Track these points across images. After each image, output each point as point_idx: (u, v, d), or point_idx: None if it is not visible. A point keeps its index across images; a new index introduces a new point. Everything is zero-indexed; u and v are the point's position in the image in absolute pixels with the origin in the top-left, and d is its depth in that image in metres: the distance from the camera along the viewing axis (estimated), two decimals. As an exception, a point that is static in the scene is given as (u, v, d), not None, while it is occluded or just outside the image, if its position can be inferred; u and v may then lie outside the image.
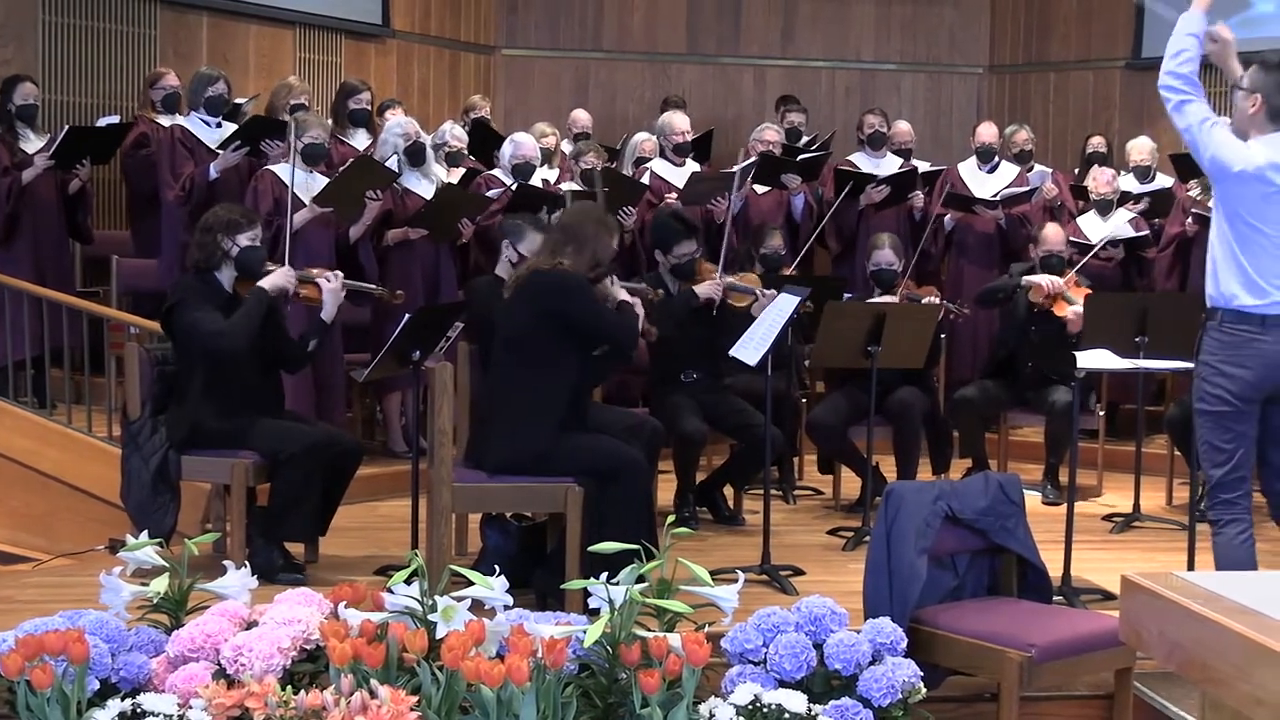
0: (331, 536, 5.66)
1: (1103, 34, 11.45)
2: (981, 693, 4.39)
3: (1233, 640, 2.39)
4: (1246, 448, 4.48)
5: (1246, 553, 4.46)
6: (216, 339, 5.31)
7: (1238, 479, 4.49)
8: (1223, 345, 4.43)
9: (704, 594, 3.97)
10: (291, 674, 3.82)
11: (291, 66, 9.71)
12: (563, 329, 5.03)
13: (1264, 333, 4.36)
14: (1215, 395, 4.44)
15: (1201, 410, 4.49)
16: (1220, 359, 4.42)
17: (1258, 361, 4.38)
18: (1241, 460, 4.48)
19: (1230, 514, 4.48)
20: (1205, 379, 4.47)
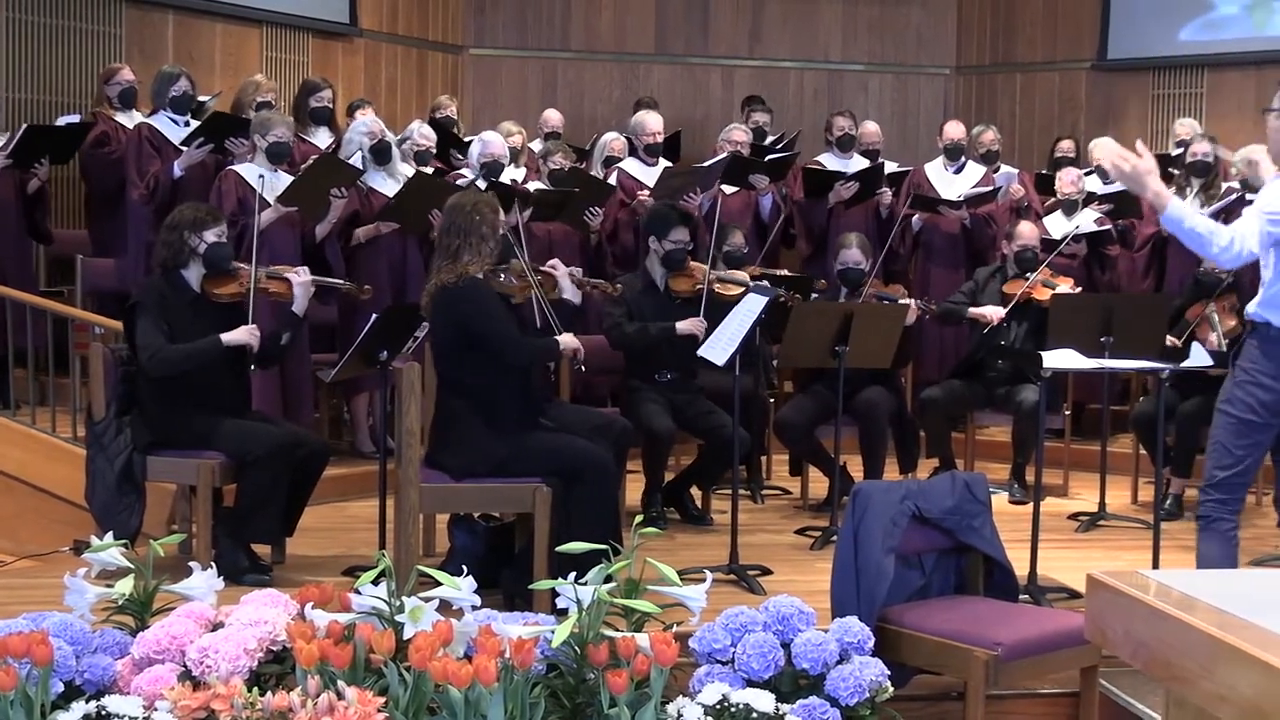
0: (298, 537, 5.64)
1: (1069, 35, 11.52)
2: (948, 691, 4.41)
3: (1197, 638, 2.40)
4: (1256, 456, 4.53)
5: (1231, 550, 4.51)
6: (146, 356, 5.30)
7: (1239, 484, 4.54)
8: (1265, 357, 4.44)
9: (672, 594, 3.97)
10: (258, 675, 3.80)
11: (258, 65, 9.67)
12: (477, 339, 5.05)
13: None
14: (1245, 402, 4.46)
15: (1225, 412, 4.52)
16: (1260, 369, 4.45)
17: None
18: (1249, 467, 4.53)
19: (1220, 513, 4.53)
20: (1239, 384, 4.49)
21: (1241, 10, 10.84)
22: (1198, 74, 10.95)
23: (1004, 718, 4.40)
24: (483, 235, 5.13)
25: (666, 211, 6.74)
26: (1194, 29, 11.00)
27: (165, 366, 5.31)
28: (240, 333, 5.44)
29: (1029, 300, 7.23)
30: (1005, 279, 7.43)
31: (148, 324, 5.34)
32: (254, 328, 5.50)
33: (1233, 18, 10.87)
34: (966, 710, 4.13)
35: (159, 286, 5.49)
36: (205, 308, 5.52)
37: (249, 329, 5.47)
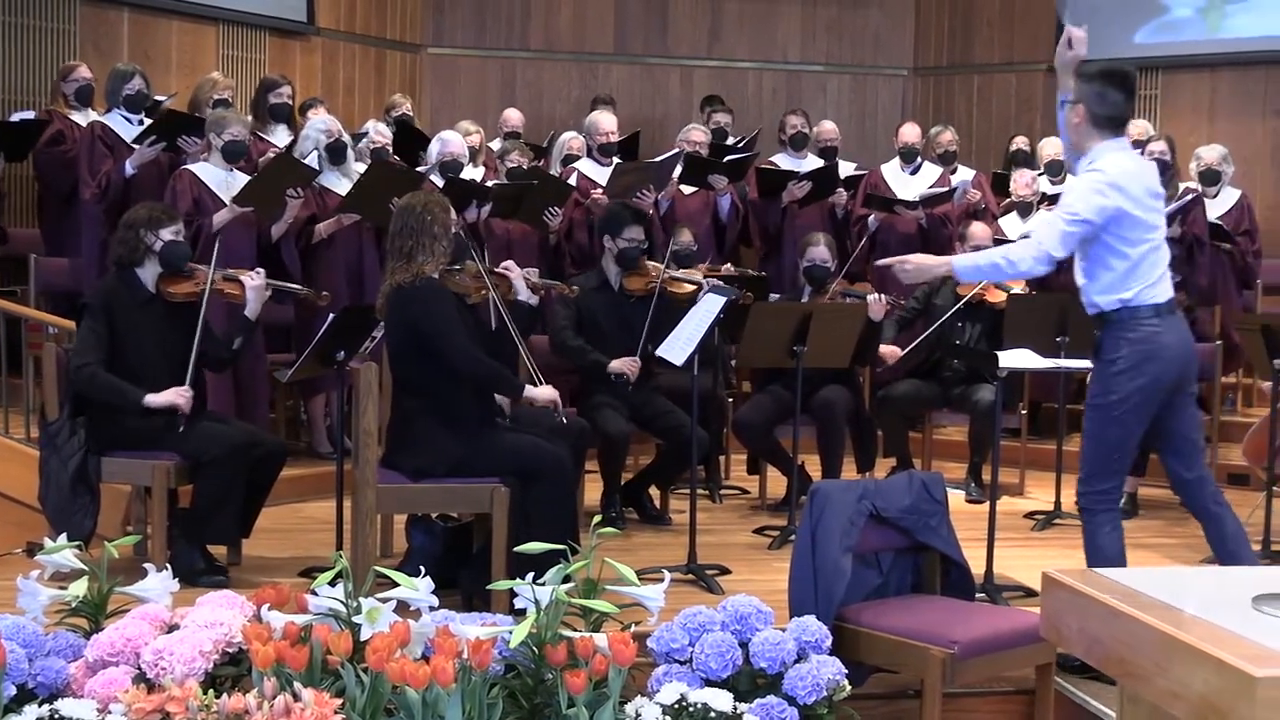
0: (255, 538, 5.61)
1: (1025, 37, 11.60)
2: (905, 689, 4.43)
3: (1150, 635, 2.42)
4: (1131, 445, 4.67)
5: (1117, 540, 4.63)
6: (75, 366, 5.26)
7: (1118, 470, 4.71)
8: (1131, 345, 4.54)
9: (630, 594, 3.97)
10: (213, 677, 3.77)
11: (215, 64, 9.62)
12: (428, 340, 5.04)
13: (1161, 322, 4.53)
14: (1121, 395, 4.55)
15: (1098, 405, 4.62)
16: (1128, 359, 4.54)
17: (1167, 351, 4.53)
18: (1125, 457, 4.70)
19: (1100, 505, 4.65)
20: (1111, 378, 4.57)
21: (1195, 13, 10.94)
22: (1153, 76, 11.04)
23: (960, 715, 4.42)
24: (435, 235, 5.11)
25: (620, 210, 6.74)
26: (1149, 31, 11.10)
27: (89, 387, 5.26)
28: (169, 394, 5.31)
29: (982, 301, 7.26)
30: (959, 280, 7.46)
31: (87, 331, 5.30)
32: (186, 390, 5.34)
33: (1187, 20, 10.98)
34: (923, 708, 4.15)
35: (112, 286, 5.44)
36: (160, 307, 5.48)
37: (178, 391, 5.32)
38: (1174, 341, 4.54)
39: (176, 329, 5.45)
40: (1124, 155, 4.58)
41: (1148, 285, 4.53)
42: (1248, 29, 10.72)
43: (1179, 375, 4.58)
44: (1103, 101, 4.53)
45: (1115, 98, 4.53)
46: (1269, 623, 2.41)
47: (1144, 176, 4.59)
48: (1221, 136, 9.98)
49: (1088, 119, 4.55)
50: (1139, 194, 4.52)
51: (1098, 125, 4.55)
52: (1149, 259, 4.54)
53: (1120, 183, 4.49)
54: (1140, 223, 4.52)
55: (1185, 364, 4.59)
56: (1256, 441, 6.66)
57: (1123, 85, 4.55)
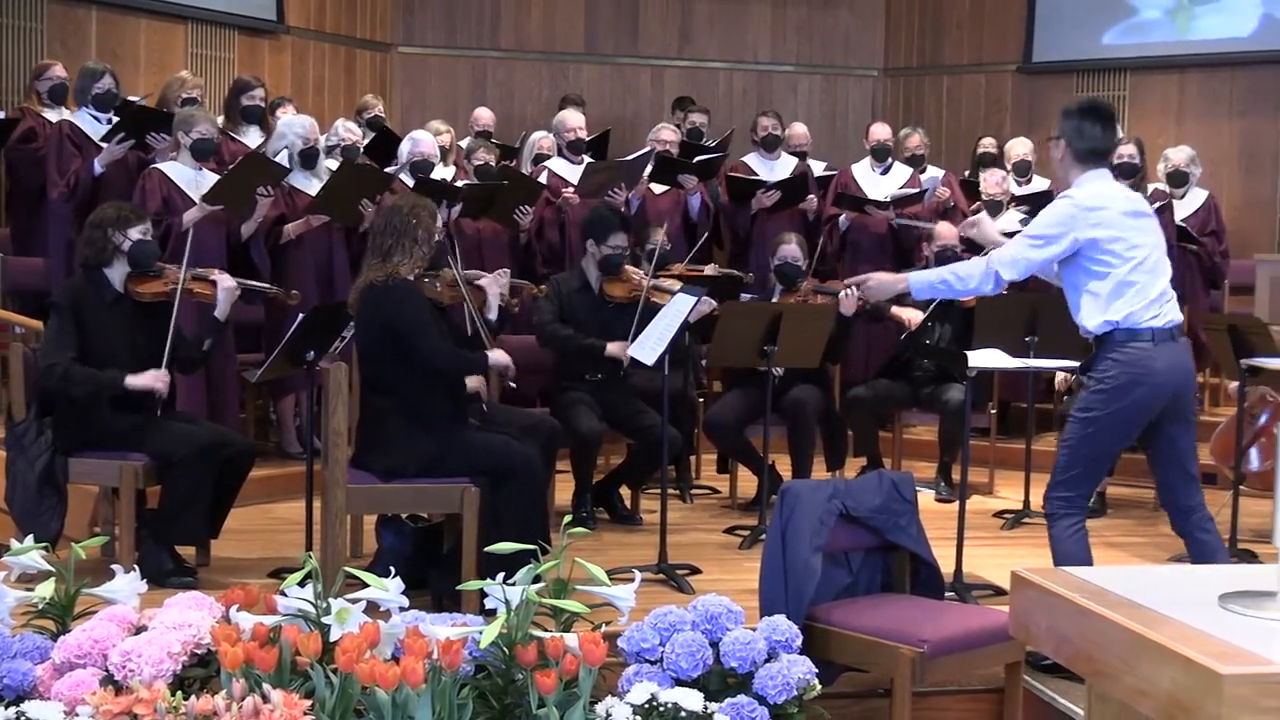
0: (224, 539, 5.58)
1: (994, 38, 11.65)
2: (875, 688, 4.44)
3: (1118, 633, 2.43)
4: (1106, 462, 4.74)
5: (1082, 541, 4.63)
6: (45, 366, 5.22)
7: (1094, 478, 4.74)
8: (1120, 366, 4.53)
9: (601, 593, 3.96)
10: (182, 679, 3.75)
11: (183, 62, 9.58)
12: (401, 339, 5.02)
13: (1154, 348, 4.51)
14: (1104, 413, 4.55)
15: (1080, 419, 4.62)
16: (1118, 379, 4.53)
17: (1157, 375, 4.51)
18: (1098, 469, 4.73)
19: (1064, 509, 4.64)
20: (1095, 394, 4.58)
21: (1164, 15, 11.00)
22: (1121, 77, 11.10)
23: (930, 714, 4.43)
24: (417, 239, 5.10)
25: (608, 215, 6.71)
26: (1117, 33, 11.15)
27: (64, 383, 5.22)
28: (147, 377, 5.30)
29: (951, 302, 7.29)
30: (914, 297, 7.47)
31: (55, 331, 5.26)
32: (163, 373, 5.35)
33: (1155, 22, 11.04)
34: (893, 707, 4.16)
35: (79, 286, 5.41)
36: (128, 308, 5.45)
37: (157, 374, 5.32)
38: (1166, 368, 4.51)
39: (145, 329, 5.42)
40: (1100, 182, 4.63)
41: (1138, 308, 4.51)
42: (1215, 31, 10.79)
43: (1169, 401, 4.56)
44: (1081, 136, 4.61)
45: (1092, 131, 4.60)
46: (1236, 621, 2.42)
47: (1120, 200, 4.62)
48: (1189, 138, 10.05)
49: (1070, 154, 4.65)
50: (1112, 218, 4.54)
51: (1080, 159, 4.64)
52: (1134, 281, 4.53)
53: (1090, 205, 4.54)
54: (1116, 245, 4.53)
55: (1176, 390, 4.56)
56: (1224, 441, 6.70)
57: (1099, 118, 4.62)
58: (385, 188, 7.18)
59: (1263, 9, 10.62)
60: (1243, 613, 2.45)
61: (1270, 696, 2.15)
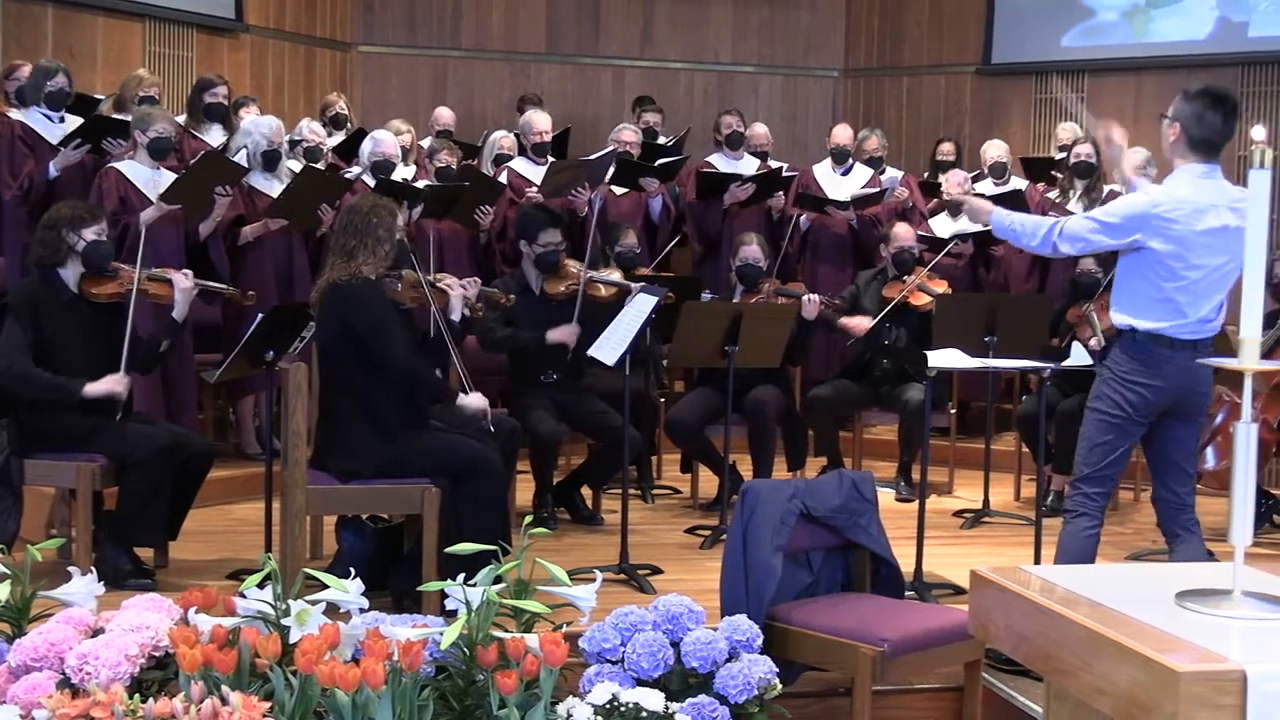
0: (182, 541, 5.55)
1: (954, 40, 11.70)
2: (836, 687, 4.45)
3: (1075, 631, 2.45)
4: (1122, 454, 4.62)
5: (1089, 546, 4.60)
6: (4, 368, 5.17)
7: (1105, 478, 4.63)
8: (1131, 359, 4.52)
9: (562, 594, 3.96)
10: (140, 682, 3.73)
11: (141, 60, 9.50)
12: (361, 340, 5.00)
13: (1173, 354, 4.46)
14: (1112, 399, 4.54)
15: (1094, 410, 4.60)
16: (1125, 370, 4.52)
17: (1163, 378, 4.48)
18: (1114, 463, 4.61)
19: (1085, 508, 4.62)
20: (1106, 383, 4.57)
21: (1121, 17, 11.08)
22: (1079, 79, 11.17)
23: (890, 712, 4.45)
24: (379, 238, 5.08)
25: (535, 214, 6.71)
26: (1075, 35, 11.22)
27: (20, 386, 5.19)
28: (106, 383, 5.26)
29: (907, 304, 7.32)
30: (885, 282, 7.53)
31: (12, 331, 5.21)
32: (123, 378, 5.31)
33: (1113, 24, 11.12)
34: (853, 706, 4.17)
35: (34, 287, 5.36)
36: (83, 308, 5.40)
37: (116, 378, 5.28)
38: (1175, 371, 4.45)
39: (101, 330, 5.38)
40: (1191, 186, 4.44)
41: (1169, 324, 4.44)
42: (1172, 33, 10.87)
43: (1173, 401, 4.52)
44: (1200, 123, 4.44)
45: (1212, 120, 4.43)
46: (1193, 619, 2.44)
47: (1199, 211, 4.41)
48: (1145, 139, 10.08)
49: (1183, 138, 4.47)
50: (1182, 233, 4.39)
51: (1192, 147, 4.46)
52: (1175, 300, 4.43)
53: (1166, 213, 4.40)
54: (1173, 261, 4.41)
55: (1182, 392, 4.51)
56: (1180, 440, 6.74)
57: (1222, 108, 4.44)
58: (344, 192, 7.15)
59: (1218, 12, 10.71)
60: (1199, 611, 2.47)
61: (1226, 694, 2.17)
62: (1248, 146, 3.27)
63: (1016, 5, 11.43)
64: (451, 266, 7.23)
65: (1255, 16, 10.58)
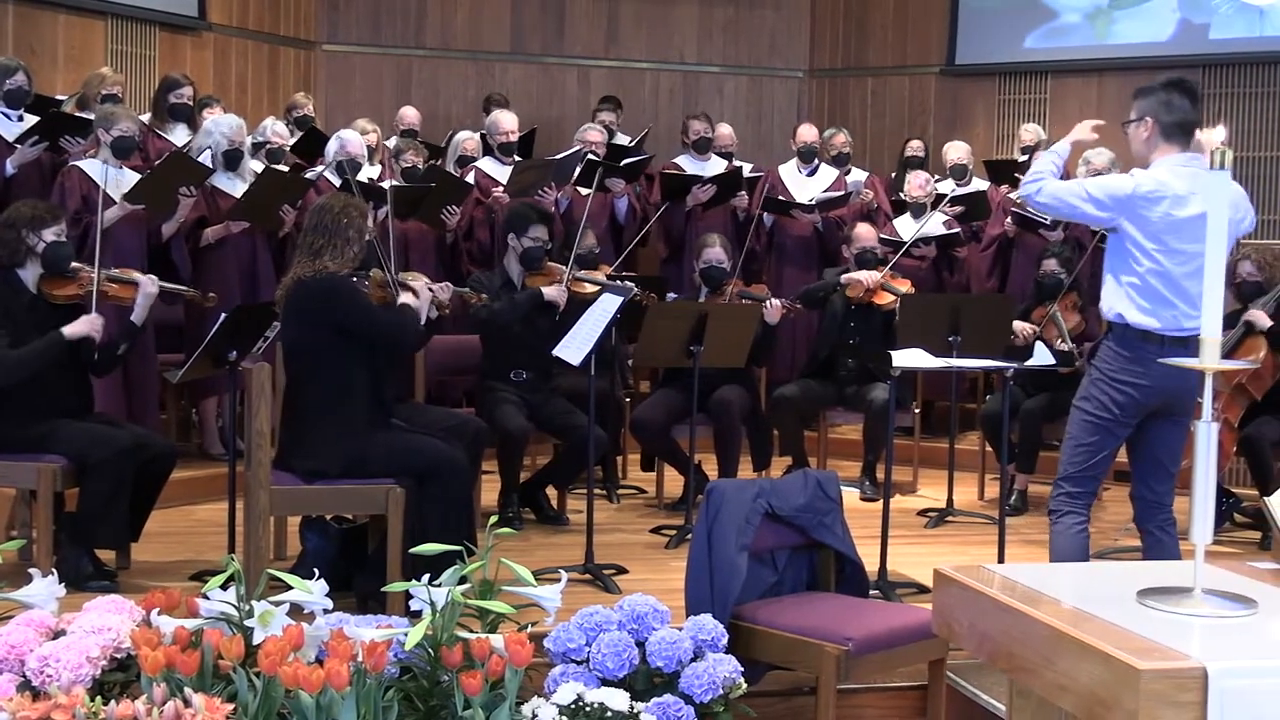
0: (145, 542, 5.52)
1: (919, 41, 11.74)
2: (800, 686, 4.46)
3: (1038, 630, 2.46)
4: (1108, 454, 4.62)
5: (1080, 543, 4.60)
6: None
7: (1090, 479, 4.63)
8: (1118, 356, 4.52)
9: (527, 594, 3.95)
10: (101, 684, 3.70)
11: (104, 59, 9.43)
12: (336, 334, 4.98)
13: (1162, 351, 4.43)
14: (1099, 400, 4.54)
15: (1081, 409, 4.60)
16: (1113, 369, 4.52)
17: (1151, 378, 4.47)
18: (1100, 463, 4.62)
19: (1070, 506, 4.62)
20: (1094, 382, 4.57)
21: (1083, 19, 11.15)
22: (1042, 80, 11.23)
23: (854, 711, 4.46)
24: (348, 238, 5.07)
25: (526, 210, 6.73)
26: (1039, 36, 11.28)
27: (13, 374, 5.14)
28: (81, 324, 5.27)
29: (870, 304, 7.35)
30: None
31: None
32: (96, 317, 5.34)
33: (1075, 26, 11.18)
34: (818, 705, 4.18)
35: (-5, 286, 5.32)
36: (43, 309, 5.36)
37: (90, 319, 5.30)
38: (1163, 371, 4.38)
39: (60, 331, 5.33)
40: (1173, 171, 4.45)
41: (1155, 314, 4.44)
42: (1134, 35, 10.94)
43: (1162, 401, 4.51)
44: (1169, 109, 4.47)
45: (1181, 103, 4.46)
46: (1154, 617, 2.46)
47: (1184, 202, 4.41)
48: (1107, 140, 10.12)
49: (1155, 130, 4.49)
50: (1161, 216, 4.40)
51: (1167, 134, 4.48)
52: (1157, 288, 4.43)
53: (1148, 194, 4.41)
54: (1152, 246, 4.42)
55: (1171, 393, 4.49)
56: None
57: (1185, 91, 4.47)
58: (305, 192, 7.12)
59: (1179, 14, 10.78)
60: (1160, 609, 2.49)
61: (1186, 691, 2.19)
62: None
63: (980, 6, 11.49)
64: (417, 266, 7.21)
65: (1216, 19, 10.66)
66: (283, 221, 7.10)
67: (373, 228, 5.33)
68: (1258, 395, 6.53)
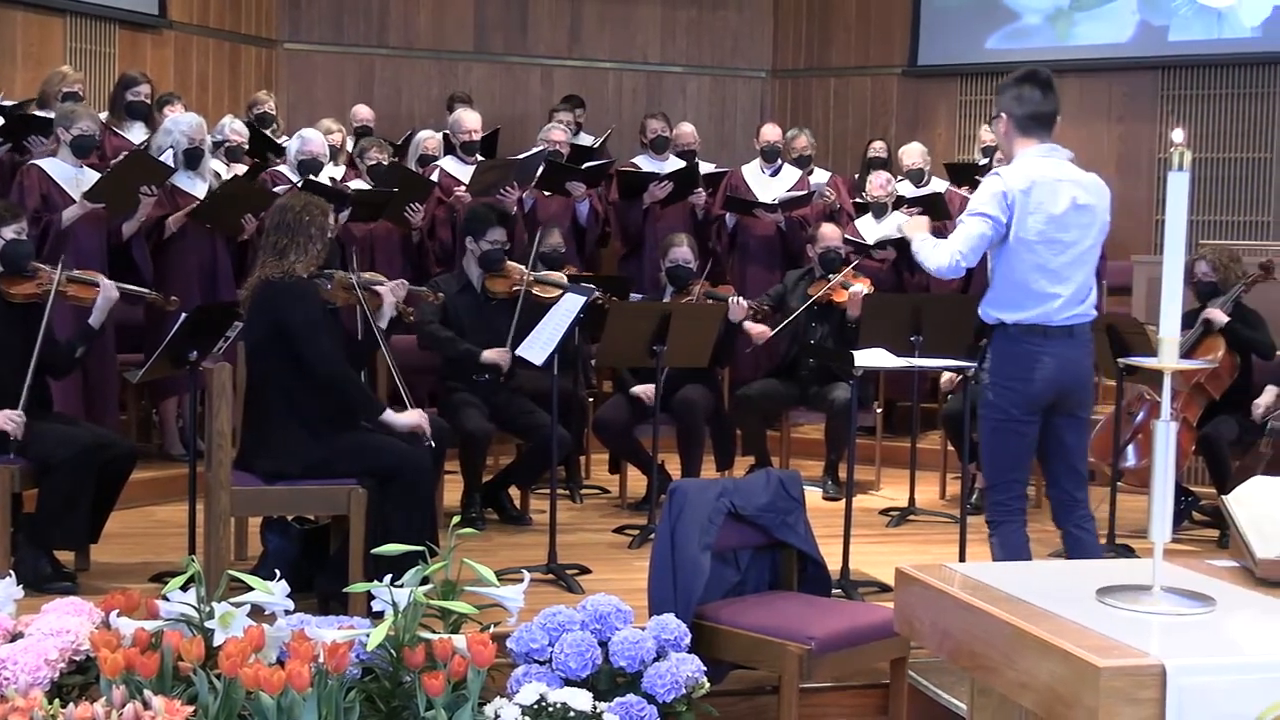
0: (104, 543, 5.48)
1: (880, 41, 11.79)
2: (763, 685, 4.47)
3: (999, 628, 2.47)
4: (1024, 455, 4.63)
5: (1021, 545, 4.62)
6: None
7: (1014, 482, 4.65)
8: (1000, 356, 4.54)
9: (489, 594, 3.95)
10: (60, 687, 3.68)
11: (63, 57, 9.35)
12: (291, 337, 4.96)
13: (1046, 344, 4.48)
14: (997, 405, 4.56)
15: (985, 417, 4.62)
16: (1003, 370, 4.53)
17: (1040, 371, 4.49)
18: (1017, 465, 4.63)
19: (1002, 515, 4.64)
20: (988, 388, 4.59)
21: (1044, 20, 11.21)
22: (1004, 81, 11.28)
23: (817, 710, 4.47)
24: (310, 236, 5.05)
25: (484, 212, 6.71)
26: (1000, 37, 11.34)
27: None
28: None
29: (831, 302, 7.37)
30: (812, 281, 7.57)
31: None
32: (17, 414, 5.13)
33: (1036, 27, 11.25)
34: (781, 703, 4.20)
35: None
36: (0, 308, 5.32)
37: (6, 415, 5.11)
38: (1052, 363, 4.46)
39: (16, 332, 5.29)
40: (1034, 162, 4.49)
41: (1035, 310, 4.46)
42: (1094, 37, 11.01)
43: (1055, 396, 4.52)
44: (1020, 101, 4.51)
45: (1031, 95, 4.50)
46: (1113, 614, 2.47)
47: (1054, 192, 4.46)
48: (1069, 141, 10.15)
49: (1011, 125, 4.53)
50: (1041, 209, 4.43)
51: (1021, 128, 4.53)
52: (1035, 282, 4.46)
53: (1020, 187, 4.43)
54: (1038, 244, 4.45)
55: (1062, 387, 4.52)
56: (1102, 438, 6.84)
57: (1036, 83, 4.51)
58: (267, 205, 7.08)
59: (1139, 16, 10.86)
60: (1120, 606, 2.50)
61: (1145, 688, 2.20)
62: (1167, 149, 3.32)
63: (942, 8, 11.54)
64: (383, 266, 7.19)
65: (1175, 21, 10.74)
66: (243, 229, 7.09)
67: (335, 226, 5.31)
68: (1216, 395, 6.59)
